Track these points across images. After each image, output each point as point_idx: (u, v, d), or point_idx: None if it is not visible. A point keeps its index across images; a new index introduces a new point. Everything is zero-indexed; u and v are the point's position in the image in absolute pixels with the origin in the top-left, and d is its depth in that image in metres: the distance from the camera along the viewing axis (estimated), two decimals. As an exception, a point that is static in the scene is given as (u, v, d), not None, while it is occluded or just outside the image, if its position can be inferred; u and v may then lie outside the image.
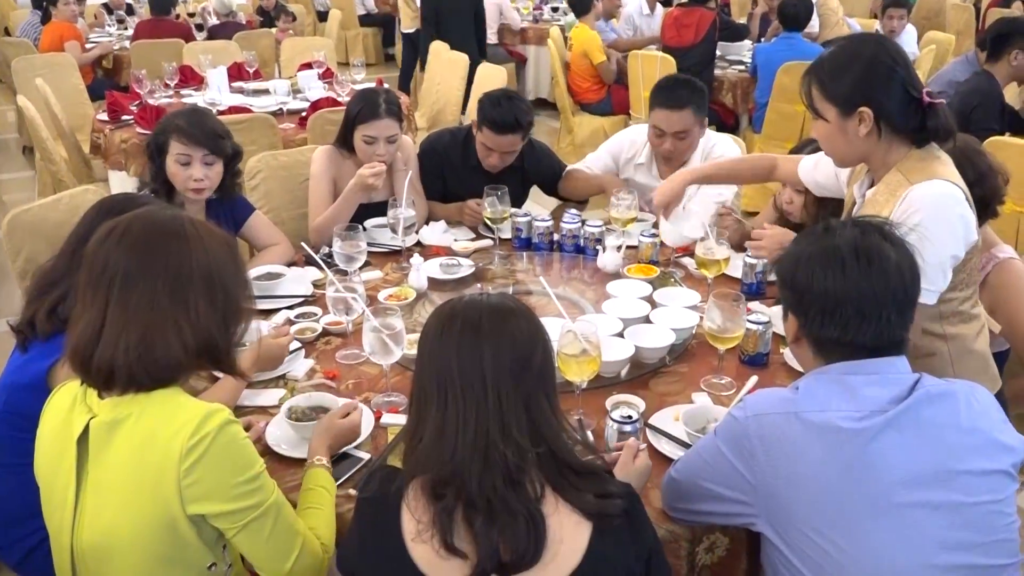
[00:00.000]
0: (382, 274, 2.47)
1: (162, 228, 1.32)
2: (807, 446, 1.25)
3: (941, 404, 1.27)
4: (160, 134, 2.37)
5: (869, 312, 1.29)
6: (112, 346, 1.26)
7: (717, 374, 1.90)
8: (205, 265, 1.31)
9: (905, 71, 1.67)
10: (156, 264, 1.29)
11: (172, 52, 5.60)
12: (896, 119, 1.68)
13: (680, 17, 5.59)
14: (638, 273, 2.36)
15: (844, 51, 1.72)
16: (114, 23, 7.64)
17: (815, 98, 1.74)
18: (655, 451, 1.63)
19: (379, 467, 1.25)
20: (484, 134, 2.76)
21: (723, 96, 5.62)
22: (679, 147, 2.72)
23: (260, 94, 4.65)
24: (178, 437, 1.22)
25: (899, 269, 1.31)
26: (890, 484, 1.21)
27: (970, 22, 7.53)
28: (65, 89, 5.01)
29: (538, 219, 2.66)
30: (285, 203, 2.99)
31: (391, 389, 1.85)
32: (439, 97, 5.29)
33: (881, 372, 1.30)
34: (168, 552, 1.27)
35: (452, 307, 1.23)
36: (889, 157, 1.73)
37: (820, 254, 1.33)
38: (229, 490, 1.25)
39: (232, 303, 1.35)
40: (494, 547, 1.09)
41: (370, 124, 2.63)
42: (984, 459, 1.26)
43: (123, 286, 1.27)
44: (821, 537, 1.23)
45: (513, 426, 1.14)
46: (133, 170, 3.89)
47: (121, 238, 1.30)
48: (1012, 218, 3.17)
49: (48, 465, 1.35)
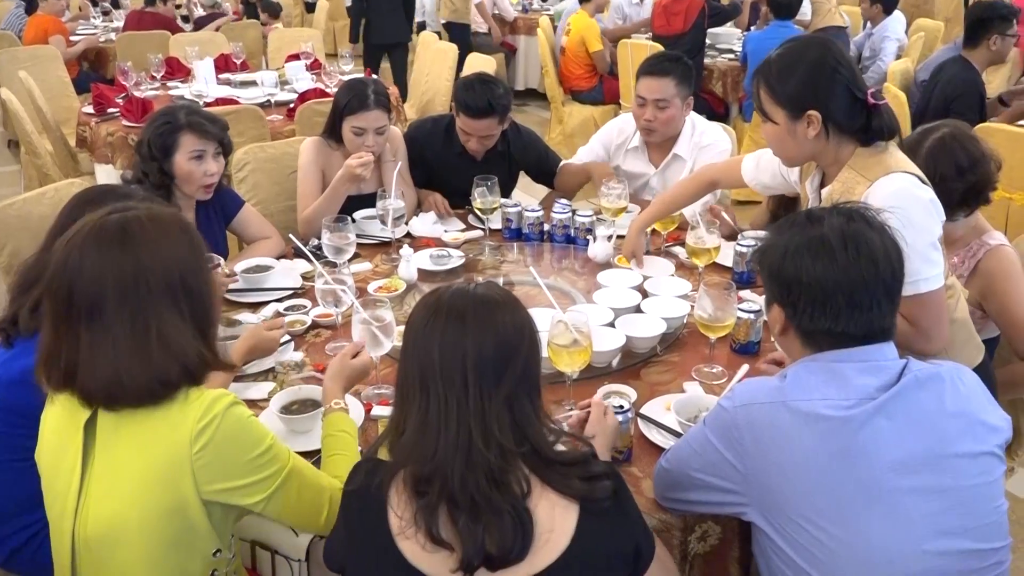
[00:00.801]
0: (371, 266, 2.46)
1: (109, 240, 1.24)
2: (796, 435, 1.24)
3: (929, 388, 1.27)
4: (165, 134, 2.27)
5: (860, 300, 1.28)
6: (92, 380, 1.23)
7: (708, 363, 1.89)
8: (162, 271, 1.25)
9: (849, 73, 1.70)
10: (116, 288, 1.22)
11: (158, 44, 5.55)
12: (842, 120, 1.70)
13: (669, 5, 5.57)
14: (625, 263, 2.37)
15: (790, 54, 1.74)
16: (99, 15, 7.56)
17: (764, 101, 1.76)
18: (647, 441, 1.62)
19: (365, 459, 1.24)
20: (461, 119, 2.76)
21: (713, 85, 5.61)
22: (660, 117, 2.70)
23: (247, 86, 4.62)
24: (187, 422, 1.24)
25: (887, 255, 1.30)
26: (880, 470, 1.21)
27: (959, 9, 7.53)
28: (50, 82, 4.96)
29: (528, 209, 2.65)
30: (273, 195, 2.97)
31: (381, 381, 1.84)
32: (428, 87, 5.26)
33: (870, 360, 1.29)
34: (176, 537, 1.27)
35: (438, 297, 1.21)
36: (839, 155, 1.75)
37: (807, 244, 1.31)
38: (245, 465, 1.27)
39: (201, 306, 1.30)
40: (479, 544, 1.08)
41: (359, 115, 2.61)
42: (972, 441, 1.26)
43: (89, 321, 1.22)
44: (812, 525, 1.23)
45: (495, 429, 1.12)
46: (119, 163, 3.85)
47: (81, 263, 1.23)
48: (1001, 204, 3.17)
49: (52, 452, 1.33)
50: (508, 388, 1.14)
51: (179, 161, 2.28)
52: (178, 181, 2.30)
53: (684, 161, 2.79)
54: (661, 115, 2.70)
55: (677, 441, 1.48)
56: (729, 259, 2.33)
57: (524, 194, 3.78)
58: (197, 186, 2.32)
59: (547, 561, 1.11)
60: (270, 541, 1.50)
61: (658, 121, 2.71)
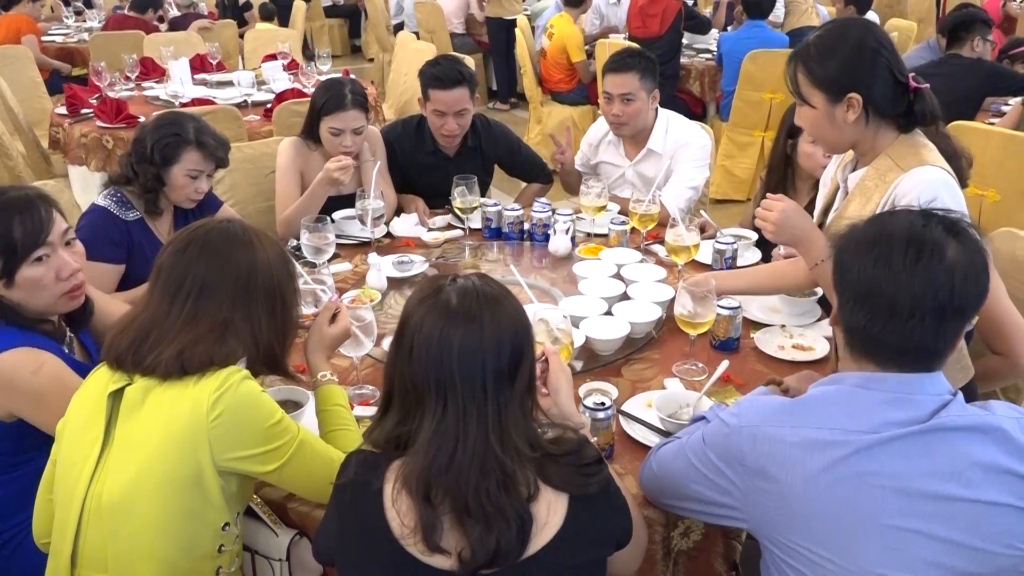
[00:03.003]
0: (351, 266, 2.44)
1: (235, 240, 1.42)
2: (800, 460, 1.18)
3: (966, 433, 1.16)
4: (171, 145, 2.22)
5: (900, 309, 1.17)
6: (177, 353, 1.33)
7: (688, 360, 1.90)
8: (269, 278, 1.43)
9: (891, 55, 1.65)
10: (228, 278, 1.39)
11: (132, 44, 5.48)
12: (883, 104, 1.66)
13: (645, 7, 5.56)
14: (588, 254, 2.44)
15: (830, 35, 1.70)
16: (71, 15, 7.46)
17: (801, 84, 1.70)
18: (628, 438, 1.63)
19: (354, 452, 1.23)
20: (432, 98, 2.76)
21: (691, 84, 5.64)
22: (626, 111, 2.74)
23: (224, 86, 4.58)
24: (204, 392, 1.30)
25: (950, 271, 1.16)
26: (885, 505, 1.15)
27: (931, 9, 7.63)
28: (21, 82, 4.89)
29: (508, 208, 2.65)
30: (251, 196, 2.95)
31: (362, 381, 1.83)
32: (407, 88, 5.23)
33: (899, 392, 1.19)
34: (190, 507, 1.32)
35: (447, 300, 1.16)
36: (877, 143, 1.71)
37: (870, 237, 1.22)
38: (259, 434, 1.33)
39: (289, 312, 1.48)
40: (489, 550, 1.08)
41: (335, 116, 2.60)
42: (997, 491, 1.15)
43: (197, 298, 1.37)
44: (806, 549, 1.20)
45: (513, 434, 1.13)
46: (93, 164, 3.80)
47: (201, 251, 1.39)
48: (974, 200, 3.22)
49: (78, 421, 1.38)
50: (520, 389, 1.16)
51: (176, 173, 2.24)
52: (167, 189, 2.26)
53: (659, 155, 2.82)
54: (628, 109, 2.74)
55: (666, 445, 1.43)
56: (708, 257, 2.35)
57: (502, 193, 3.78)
58: (184, 199, 2.29)
59: (536, 547, 1.12)
60: (249, 542, 1.49)
61: (625, 115, 2.76)
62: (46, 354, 1.57)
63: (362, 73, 6.52)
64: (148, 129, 2.27)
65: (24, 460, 1.61)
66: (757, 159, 5.06)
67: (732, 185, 5.21)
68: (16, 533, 1.62)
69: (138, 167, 2.24)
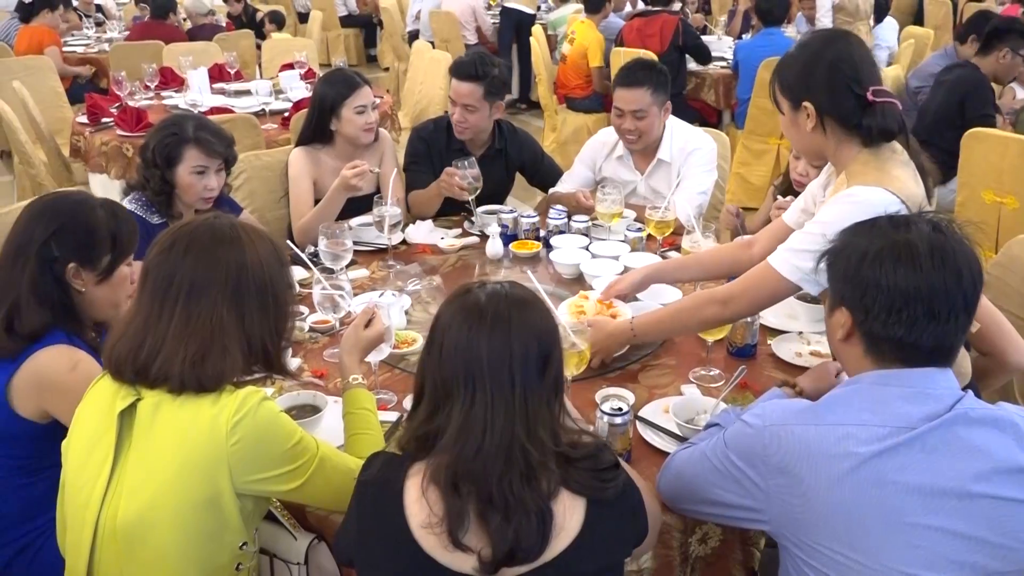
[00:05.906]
0: (368, 272, 2.46)
1: (221, 237, 1.37)
2: (823, 460, 1.20)
3: (981, 426, 1.19)
4: (170, 145, 2.27)
5: (939, 311, 1.20)
6: (172, 358, 1.30)
7: (705, 366, 1.90)
8: (259, 273, 1.37)
9: (849, 67, 1.63)
10: (218, 276, 1.34)
11: (152, 54, 5.55)
12: (838, 115, 1.65)
13: (642, 27, 5.47)
14: (522, 248, 2.54)
15: (798, 45, 1.75)
16: (92, 25, 7.55)
17: (775, 90, 1.77)
18: (646, 443, 1.63)
19: (379, 452, 1.25)
20: (450, 88, 2.84)
21: (705, 93, 5.63)
22: (639, 127, 2.74)
23: (242, 95, 4.62)
24: (222, 416, 1.28)
25: (969, 267, 1.22)
26: (907, 503, 1.16)
27: (948, 16, 7.61)
28: (43, 92, 4.96)
29: (524, 215, 2.66)
30: (269, 203, 2.97)
31: (380, 387, 1.84)
32: (422, 96, 5.27)
33: (918, 387, 1.22)
34: (208, 529, 1.31)
35: (476, 302, 1.20)
36: (840, 155, 1.69)
37: (892, 247, 1.23)
38: (279, 456, 1.32)
39: (282, 308, 1.42)
40: (509, 544, 1.10)
41: (356, 95, 2.69)
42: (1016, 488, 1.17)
43: (187, 300, 1.32)
44: (829, 549, 1.20)
45: (538, 427, 1.15)
46: (114, 172, 3.84)
47: (187, 250, 1.34)
48: (993, 208, 3.20)
49: (83, 439, 1.36)
50: (548, 386, 1.18)
51: (181, 173, 2.28)
52: (179, 191, 2.30)
53: (669, 165, 2.82)
54: (640, 124, 2.74)
55: (684, 451, 1.43)
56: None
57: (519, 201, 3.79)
58: (197, 198, 2.32)
59: (555, 552, 1.13)
60: (268, 545, 1.50)
61: (638, 130, 2.75)
62: (82, 353, 1.60)
63: (378, 82, 6.54)
64: (150, 135, 2.33)
65: (49, 464, 1.63)
66: (772, 167, 5.05)
67: (747, 193, 5.20)
68: (39, 535, 1.64)
69: (147, 173, 2.29)
